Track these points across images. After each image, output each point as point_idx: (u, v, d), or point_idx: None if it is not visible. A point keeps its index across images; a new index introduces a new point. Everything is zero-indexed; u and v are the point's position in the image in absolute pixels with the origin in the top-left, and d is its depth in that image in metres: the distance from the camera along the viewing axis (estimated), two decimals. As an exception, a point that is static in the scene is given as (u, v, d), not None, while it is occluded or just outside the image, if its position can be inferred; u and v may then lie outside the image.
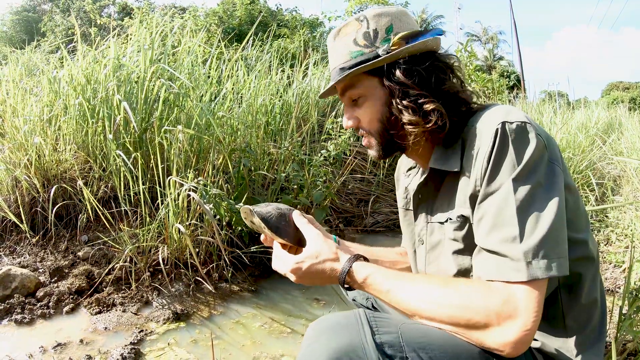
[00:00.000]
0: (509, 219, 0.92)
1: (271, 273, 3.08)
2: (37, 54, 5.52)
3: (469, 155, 1.05)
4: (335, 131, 3.71)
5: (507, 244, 0.92)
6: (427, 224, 1.21)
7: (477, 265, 0.99)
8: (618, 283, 2.84)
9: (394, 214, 4.54)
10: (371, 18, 1.15)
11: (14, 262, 2.79)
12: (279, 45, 5.99)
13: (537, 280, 0.89)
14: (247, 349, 2.18)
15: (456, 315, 0.93)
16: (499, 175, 0.96)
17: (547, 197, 0.94)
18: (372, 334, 0.90)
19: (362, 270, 1.06)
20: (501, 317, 0.88)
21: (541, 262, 0.89)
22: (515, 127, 0.98)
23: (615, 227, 3.65)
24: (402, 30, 1.15)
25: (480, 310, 0.90)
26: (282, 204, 1.28)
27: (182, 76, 3.37)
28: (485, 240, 0.96)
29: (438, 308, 0.95)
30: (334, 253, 1.11)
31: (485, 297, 0.91)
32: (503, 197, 0.95)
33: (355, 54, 1.16)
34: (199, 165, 3.17)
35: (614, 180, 5.01)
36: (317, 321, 1.00)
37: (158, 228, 2.77)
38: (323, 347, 0.90)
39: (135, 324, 2.35)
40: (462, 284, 0.97)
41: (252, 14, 11.91)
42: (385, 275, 1.04)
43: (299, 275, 1.12)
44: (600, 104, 10.55)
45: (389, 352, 0.89)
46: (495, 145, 0.98)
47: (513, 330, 0.87)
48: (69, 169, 3.20)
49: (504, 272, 0.91)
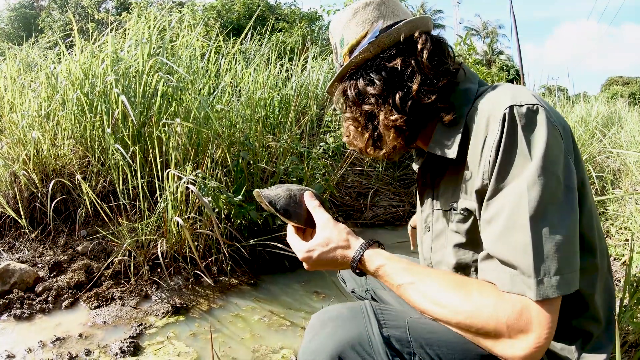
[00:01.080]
0: (522, 225, 0.84)
1: (270, 266, 3.08)
2: (35, 50, 5.49)
3: (476, 143, 0.96)
4: (334, 124, 3.70)
5: (519, 254, 0.85)
6: (432, 210, 1.16)
7: (490, 272, 0.91)
8: (618, 276, 2.83)
9: (393, 207, 4.54)
10: (331, 32, 1.22)
11: (13, 258, 2.79)
12: (278, 38, 5.96)
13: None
14: (246, 342, 2.18)
15: (467, 322, 0.88)
16: (511, 169, 0.88)
17: (564, 201, 0.86)
18: (380, 327, 0.88)
19: (374, 260, 1.02)
20: (513, 330, 0.84)
21: (553, 279, 0.82)
22: (525, 110, 0.89)
23: (615, 220, 3.65)
24: (349, 40, 1.15)
25: (491, 321, 0.86)
26: (294, 185, 1.24)
27: (180, 69, 3.36)
28: (495, 246, 0.89)
29: (449, 313, 0.90)
30: (345, 240, 1.07)
31: (498, 307, 0.86)
32: (515, 199, 0.86)
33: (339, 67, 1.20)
34: (197, 158, 3.16)
35: (614, 174, 5.01)
36: (321, 311, 0.98)
37: (157, 222, 2.76)
38: (328, 338, 0.89)
39: (135, 317, 2.35)
40: (475, 289, 0.91)
41: (250, 8, 11.85)
42: (397, 268, 0.99)
43: (310, 264, 1.10)
44: (600, 99, 10.53)
45: (396, 346, 0.87)
46: (504, 133, 0.89)
47: (525, 345, 0.83)
48: (68, 163, 3.19)
49: (517, 286, 0.85)
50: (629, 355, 1.79)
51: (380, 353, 0.85)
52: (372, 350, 0.85)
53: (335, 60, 1.22)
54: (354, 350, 0.86)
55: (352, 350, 0.86)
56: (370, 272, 1.03)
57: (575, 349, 0.98)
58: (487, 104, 0.98)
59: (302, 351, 0.93)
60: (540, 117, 0.88)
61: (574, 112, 7.08)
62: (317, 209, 1.15)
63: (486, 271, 0.92)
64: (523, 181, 0.85)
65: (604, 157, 5.35)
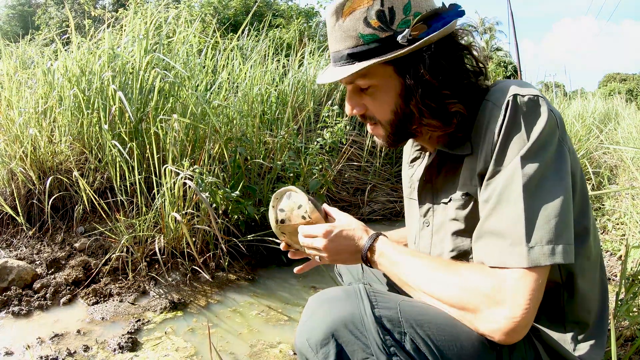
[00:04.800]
0: (515, 198, 0.88)
1: (268, 262, 3.09)
2: (32, 47, 5.47)
3: (478, 130, 1.00)
4: (331, 119, 3.70)
5: (510, 224, 0.88)
6: (432, 206, 1.18)
7: (479, 250, 0.95)
8: (614, 271, 2.85)
9: (391, 202, 4.54)
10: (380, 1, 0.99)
11: (11, 255, 2.79)
12: (275, 34, 5.95)
13: (537, 267, 0.85)
14: (244, 337, 2.19)
15: (451, 295, 0.93)
16: (508, 151, 0.92)
17: (557, 178, 0.90)
18: (372, 307, 0.90)
19: (380, 245, 1.09)
20: (490, 302, 0.87)
21: (545, 247, 0.85)
22: (527, 99, 0.93)
23: (611, 216, 3.67)
24: (420, 8, 1.00)
25: (472, 293, 0.90)
26: None
27: (177, 65, 3.35)
28: (489, 220, 0.93)
29: (437, 285, 0.96)
30: (364, 228, 1.16)
31: (479, 280, 0.90)
32: (510, 175, 0.90)
33: (368, 38, 1.01)
34: (194, 154, 3.16)
35: (611, 170, 5.02)
36: (317, 293, 1.01)
37: (154, 218, 2.77)
38: (323, 317, 0.92)
39: (133, 313, 2.36)
40: (462, 265, 0.97)
41: (247, 4, 11.83)
42: (398, 249, 1.07)
43: (328, 240, 1.14)
44: (597, 95, 10.56)
45: (387, 325, 0.89)
46: (507, 118, 0.93)
47: (499, 318, 0.86)
48: (65, 160, 3.19)
49: (504, 256, 0.88)
50: (625, 349, 1.80)
51: (372, 331, 0.87)
52: (364, 329, 0.88)
53: (366, 24, 1.01)
54: (346, 328, 0.88)
55: (345, 329, 0.88)
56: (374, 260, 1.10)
57: (570, 339, 1.00)
58: (492, 96, 1.01)
59: (299, 329, 0.95)
60: (542, 107, 0.93)
61: (571, 108, 7.10)
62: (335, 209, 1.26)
63: (477, 249, 0.96)
64: (517, 159, 0.90)
65: (600, 153, 5.37)
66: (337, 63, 1.07)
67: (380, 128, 1.13)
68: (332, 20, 1.05)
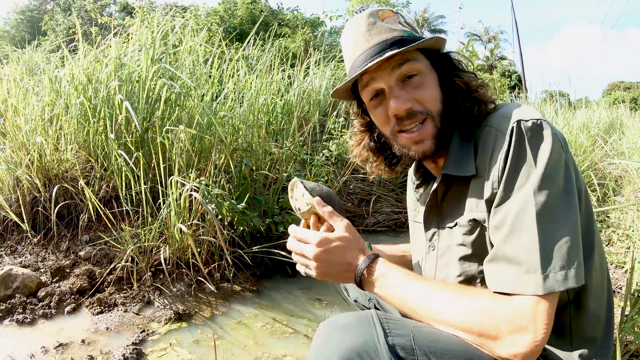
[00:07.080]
0: (528, 225, 0.90)
1: (273, 273, 3.08)
2: (38, 53, 5.51)
3: (484, 157, 1.03)
4: (337, 131, 3.70)
5: (525, 252, 0.90)
6: (437, 230, 1.19)
7: (493, 274, 0.96)
8: (619, 283, 2.83)
9: (395, 213, 4.54)
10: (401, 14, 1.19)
11: (16, 262, 2.79)
12: (280, 44, 5.97)
13: (552, 293, 0.88)
14: (249, 349, 2.18)
15: (467, 320, 0.93)
16: (518, 178, 0.95)
17: (567, 203, 0.92)
18: (385, 336, 0.90)
19: (382, 267, 1.07)
20: (513, 328, 0.88)
21: (559, 273, 0.88)
22: (531, 125, 0.96)
23: (616, 228, 3.65)
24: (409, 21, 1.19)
25: (491, 320, 0.90)
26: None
27: (183, 75, 3.37)
28: (503, 246, 0.94)
29: (451, 315, 0.95)
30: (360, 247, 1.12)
31: (498, 306, 0.91)
32: (522, 202, 0.92)
33: (409, 32, 1.14)
34: (200, 164, 3.17)
35: (615, 181, 5.00)
36: (329, 320, 1.00)
37: (160, 228, 2.77)
38: (335, 345, 0.91)
39: (137, 324, 2.35)
40: (475, 291, 0.98)
41: (253, 14, 11.92)
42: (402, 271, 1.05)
43: (321, 252, 1.09)
44: (602, 104, 10.54)
45: (401, 354, 0.89)
46: (512, 145, 0.96)
47: (523, 343, 0.87)
48: (71, 168, 3.20)
49: (519, 284, 0.90)
50: (631, 364, 1.79)
51: None
52: (377, 358, 0.87)
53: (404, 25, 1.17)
54: (360, 357, 0.88)
55: (358, 358, 0.88)
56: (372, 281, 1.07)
57: (578, 357, 1.01)
58: (495, 121, 1.04)
59: (311, 356, 0.95)
60: (546, 130, 0.96)
61: (575, 118, 7.08)
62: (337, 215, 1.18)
63: (490, 273, 0.97)
64: (529, 187, 0.92)
65: (605, 164, 5.35)
66: (385, 51, 1.09)
67: (430, 124, 1.11)
68: (371, 20, 1.14)
